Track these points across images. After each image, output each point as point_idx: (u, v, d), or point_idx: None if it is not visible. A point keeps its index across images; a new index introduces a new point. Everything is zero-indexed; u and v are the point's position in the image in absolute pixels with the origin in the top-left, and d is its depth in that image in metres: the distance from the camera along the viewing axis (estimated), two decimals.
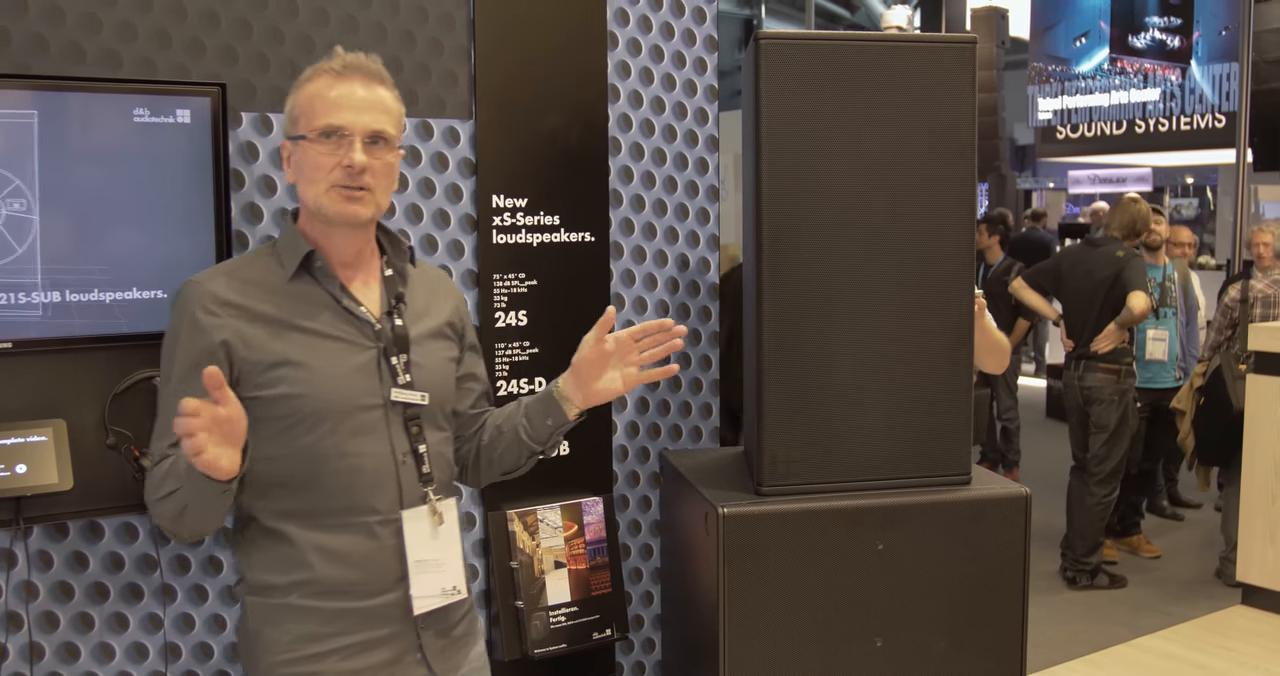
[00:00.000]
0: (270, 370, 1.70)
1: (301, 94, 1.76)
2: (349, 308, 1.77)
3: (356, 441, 1.74)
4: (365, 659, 1.75)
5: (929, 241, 2.30)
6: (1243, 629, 4.82)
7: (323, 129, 1.72)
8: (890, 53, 2.26)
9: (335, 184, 1.72)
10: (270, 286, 1.75)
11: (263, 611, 1.75)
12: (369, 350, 1.77)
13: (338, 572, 1.73)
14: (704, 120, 2.82)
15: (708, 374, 2.87)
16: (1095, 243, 5.38)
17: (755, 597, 2.25)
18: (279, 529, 1.73)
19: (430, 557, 1.79)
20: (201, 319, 1.70)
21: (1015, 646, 2.38)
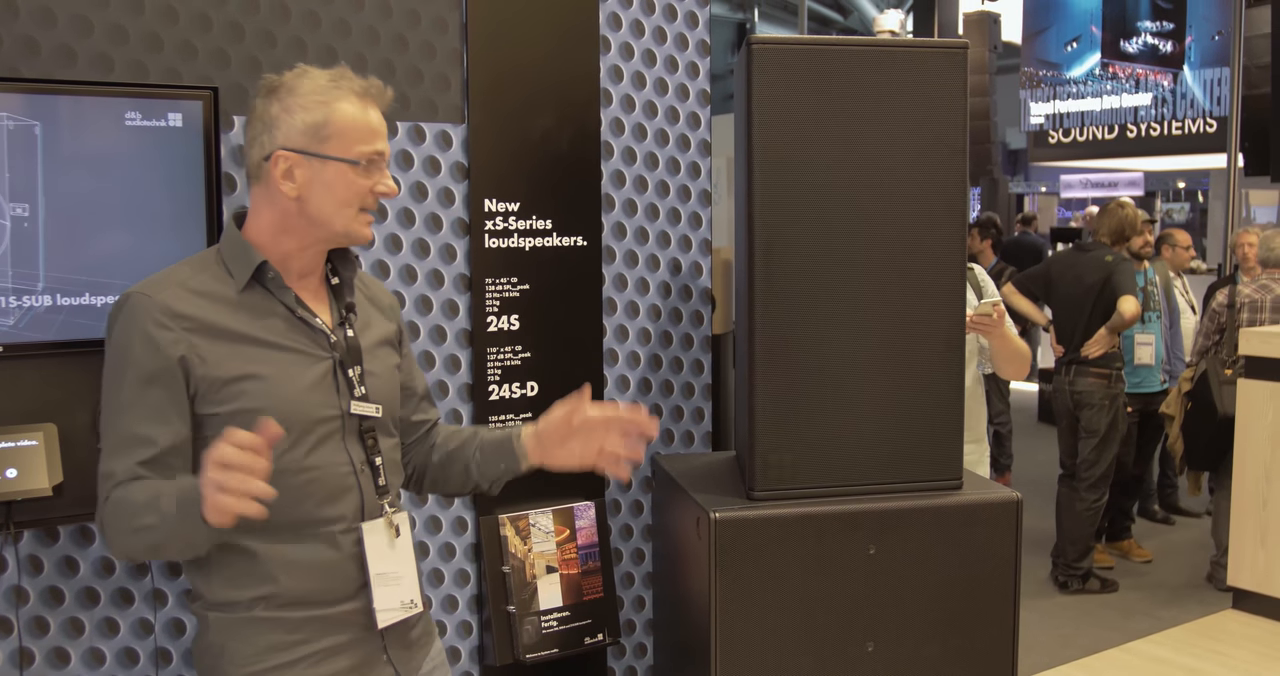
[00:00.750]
0: (228, 385, 1.66)
1: (335, 112, 1.70)
2: (304, 318, 1.74)
3: (316, 454, 1.72)
4: (332, 664, 1.74)
5: (920, 246, 2.31)
6: (1234, 633, 4.83)
7: (369, 155, 1.71)
8: (882, 58, 2.26)
9: (365, 208, 1.73)
10: (222, 298, 1.70)
11: (225, 625, 1.71)
12: (324, 361, 1.75)
13: (301, 584, 1.71)
14: (696, 125, 2.82)
15: (699, 378, 2.87)
16: (1085, 248, 5.39)
17: (747, 602, 2.25)
18: (240, 544, 1.69)
19: (389, 570, 1.79)
20: (155, 333, 1.63)
21: (1006, 650, 2.39)
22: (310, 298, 1.78)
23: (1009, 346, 3.02)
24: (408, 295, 2.48)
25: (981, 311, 2.84)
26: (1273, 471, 4.87)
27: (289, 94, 1.70)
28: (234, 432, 1.46)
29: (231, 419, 1.63)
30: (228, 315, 1.68)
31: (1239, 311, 5.37)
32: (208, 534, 1.56)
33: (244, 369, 1.67)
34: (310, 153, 1.69)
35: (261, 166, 1.72)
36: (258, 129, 1.72)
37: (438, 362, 2.53)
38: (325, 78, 1.71)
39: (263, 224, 1.74)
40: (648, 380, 2.80)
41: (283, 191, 1.70)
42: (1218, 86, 11.35)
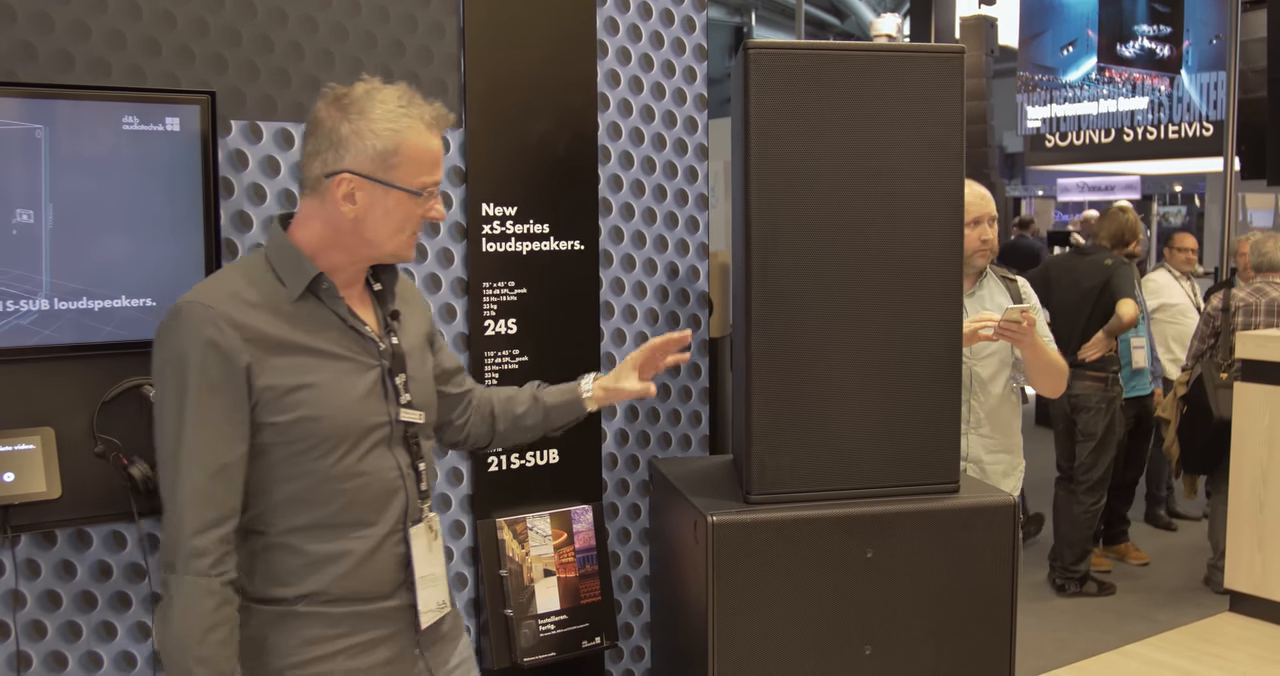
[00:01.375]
0: (288, 395, 1.70)
1: (405, 143, 1.73)
2: (355, 327, 1.79)
3: (366, 460, 1.77)
4: (370, 657, 1.80)
5: (918, 249, 2.31)
6: (1231, 636, 4.83)
7: (430, 186, 1.77)
8: (879, 62, 2.27)
9: (414, 232, 1.80)
10: (276, 308, 1.73)
11: (267, 618, 1.75)
12: (374, 369, 1.80)
13: (344, 583, 1.77)
14: (693, 128, 2.83)
15: (697, 382, 2.88)
16: (1084, 251, 5.40)
17: (744, 605, 2.25)
18: (287, 543, 1.75)
19: (429, 572, 1.86)
20: (219, 342, 1.66)
21: (1003, 653, 2.39)
22: (356, 305, 1.83)
23: (1042, 358, 2.94)
24: None
25: (1009, 317, 2.77)
26: (1270, 474, 4.87)
27: (360, 116, 1.72)
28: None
29: (291, 427, 1.71)
30: (283, 325, 1.72)
31: (1233, 315, 5.38)
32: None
33: (302, 379, 1.71)
34: (376, 179, 1.73)
35: (321, 181, 1.74)
36: (322, 144, 1.74)
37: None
38: (395, 101, 1.74)
39: (313, 234, 1.77)
40: None
41: (341, 211, 1.74)
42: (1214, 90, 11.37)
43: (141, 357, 2.16)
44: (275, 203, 2.32)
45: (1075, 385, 5.21)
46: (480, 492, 2.58)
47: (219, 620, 1.65)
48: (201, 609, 1.64)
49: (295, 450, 1.72)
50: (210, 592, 1.65)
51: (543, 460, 2.65)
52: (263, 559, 1.75)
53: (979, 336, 2.81)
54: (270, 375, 1.69)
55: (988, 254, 3.07)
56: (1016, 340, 2.83)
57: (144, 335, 2.15)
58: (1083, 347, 5.13)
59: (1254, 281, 5.57)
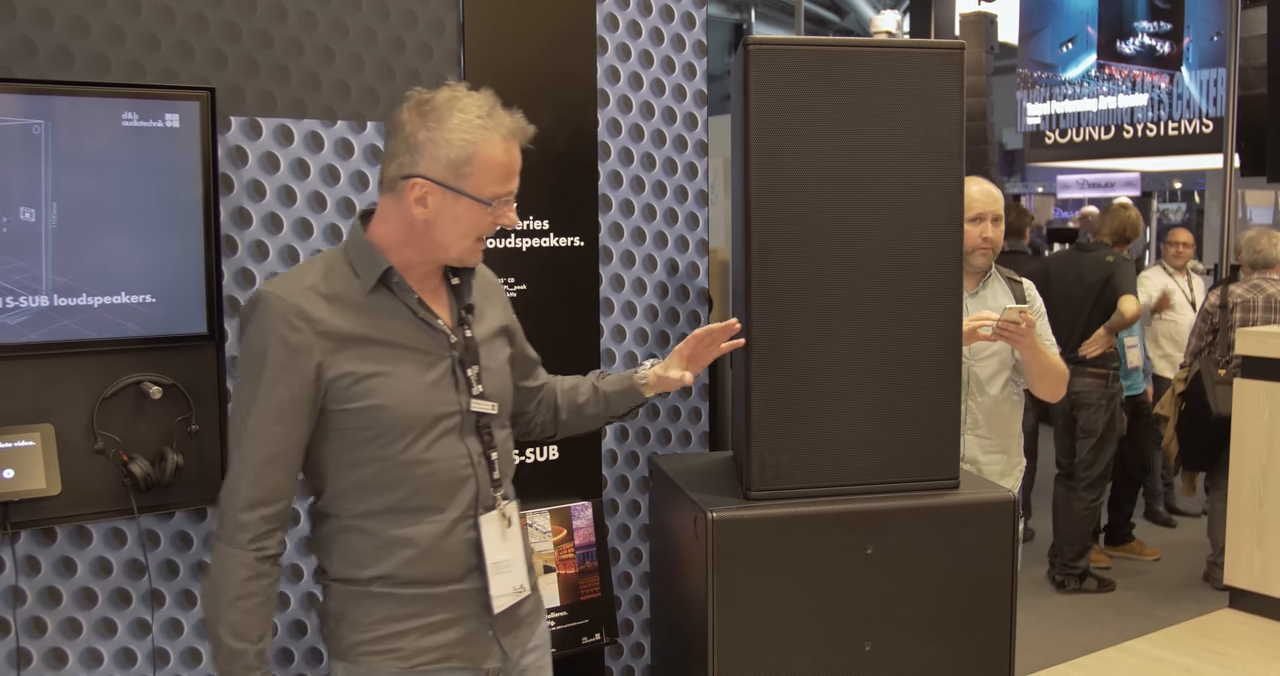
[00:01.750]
0: (357, 384, 1.78)
1: (479, 154, 1.78)
2: (426, 319, 1.85)
3: (435, 448, 1.83)
4: (442, 636, 1.87)
5: (917, 247, 2.31)
6: (1230, 632, 4.83)
7: (503, 197, 1.83)
8: (878, 58, 2.27)
9: (482, 237, 1.86)
10: (349, 300, 1.80)
11: (345, 595, 1.86)
12: (444, 361, 1.86)
13: (415, 567, 1.84)
14: (693, 125, 2.83)
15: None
16: (1085, 248, 5.40)
17: (744, 602, 2.25)
18: (360, 526, 1.84)
19: (503, 558, 1.91)
20: (289, 336, 1.75)
21: (1003, 650, 2.39)
22: (431, 298, 1.89)
23: (1041, 361, 2.92)
24: None
25: (1008, 317, 2.75)
26: (1269, 471, 4.87)
27: (437, 124, 1.78)
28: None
29: (360, 415, 1.79)
30: (356, 318, 1.80)
31: (1231, 311, 5.38)
32: None
33: (371, 368, 1.79)
34: (447, 186, 1.79)
35: (397, 183, 1.81)
36: (399, 147, 1.80)
37: None
38: (475, 111, 1.79)
39: (388, 231, 1.84)
40: None
41: (413, 213, 1.80)
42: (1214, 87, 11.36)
43: (141, 354, 2.17)
44: (275, 199, 2.32)
45: (1076, 382, 5.20)
46: None
47: (249, 591, 1.75)
48: (234, 578, 1.75)
49: (364, 437, 1.80)
50: (244, 565, 1.75)
51: (543, 456, 2.65)
52: (339, 541, 1.85)
53: (977, 335, 2.81)
54: (341, 365, 1.77)
55: (989, 253, 3.05)
56: (1015, 341, 2.82)
57: (144, 331, 2.15)
58: (1083, 344, 5.12)
59: (1251, 277, 5.57)
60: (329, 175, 2.38)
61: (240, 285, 2.30)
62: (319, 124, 2.36)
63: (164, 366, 2.20)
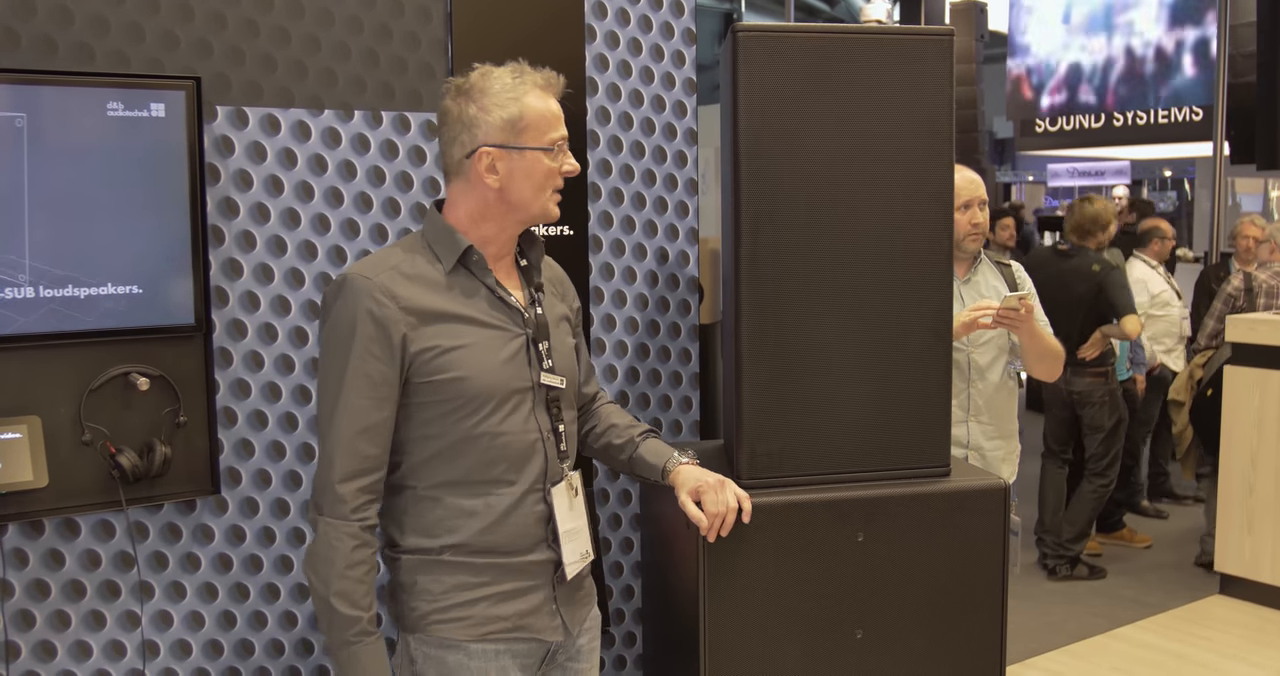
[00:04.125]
0: (440, 357, 1.85)
1: (527, 107, 1.88)
2: (503, 297, 1.94)
3: (510, 421, 1.91)
4: (511, 606, 1.94)
5: (907, 234, 2.30)
6: (1220, 618, 4.85)
7: (559, 142, 1.92)
8: (868, 45, 2.26)
9: (555, 188, 1.95)
10: (431, 280, 1.89)
11: (416, 565, 1.92)
12: (519, 336, 1.94)
13: (486, 536, 1.91)
14: (682, 113, 2.82)
15: (687, 367, 2.87)
16: (1065, 254, 5.24)
17: (735, 590, 2.25)
18: (434, 496, 1.90)
19: (571, 526, 2.00)
20: (377, 311, 1.82)
21: (995, 637, 2.39)
22: (504, 277, 1.97)
23: (1039, 344, 2.94)
24: None
25: (1008, 305, 2.76)
26: (1259, 458, 4.89)
27: (482, 94, 1.88)
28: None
29: (443, 387, 1.87)
30: (438, 296, 1.88)
31: (1256, 296, 5.40)
32: None
33: (453, 341, 1.87)
34: (510, 146, 1.88)
35: (463, 163, 1.90)
36: (456, 130, 1.90)
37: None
38: (509, 75, 1.90)
39: (462, 213, 1.93)
40: (635, 369, 2.80)
41: (487, 183, 1.89)
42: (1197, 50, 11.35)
43: (128, 345, 2.16)
44: (261, 188, 2.31)
45: (1076, 382, 5.19)
46: None
47: (357, 559, 1.82)
48: (342, 548, 1.81)
49: (445, 409, 1.87)
50: (350, 535, 1.82)
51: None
52: (413, 511, 1.92)
53: (978, 325, 2.81)
54: (424, 339, 1.85)
55: (979, 238, 3.07)
56: (1015, 327, 2.83)
57: (131, 322, 2.14)
58: (1081, 348, 5.10)
59: (1272, 264, 5.58)
60: (316, 164, 2.37)
61: (227, 275, 2.29)
62: (306, 113, 2.35)
63: (151, 357, 2.19)
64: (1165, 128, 12.01)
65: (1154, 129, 12.12)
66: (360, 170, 2.42)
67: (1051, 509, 5.43)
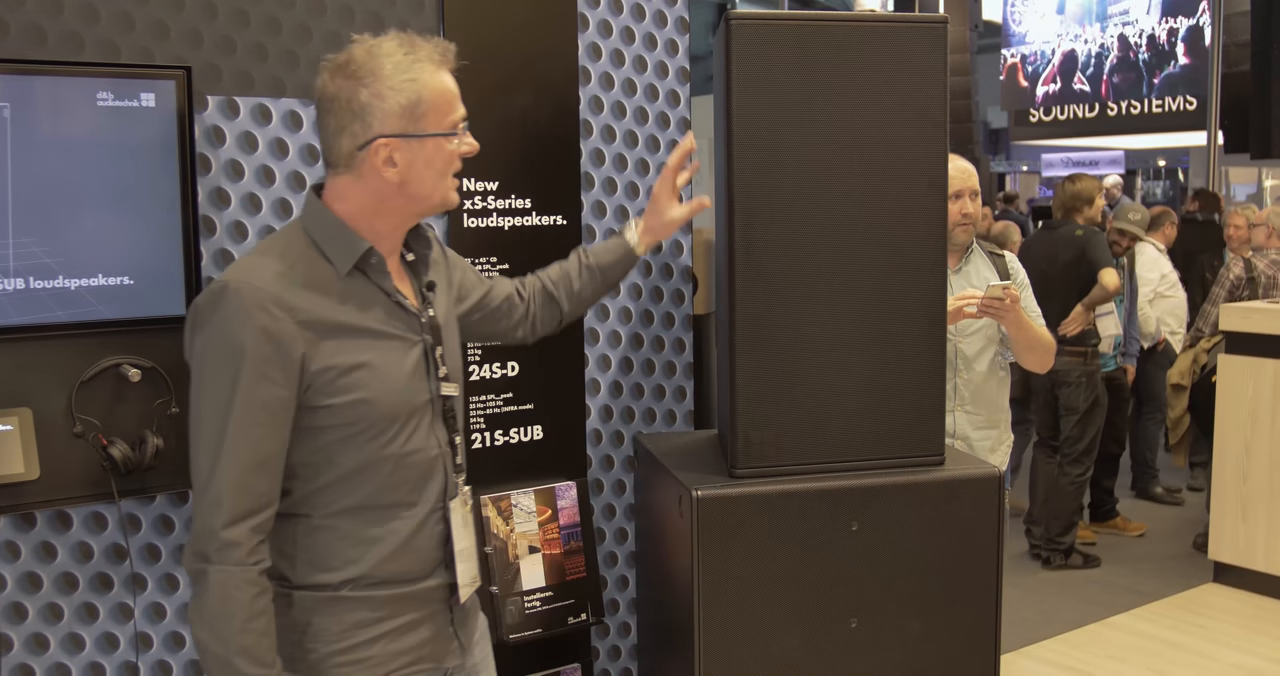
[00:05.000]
0: (342, 377, 1.67)
1: (425, 89, 1.68)
2: (400, 302, 1.77)
3: (414, 438, 1.76)
4: (412, 637, 1.79)
5: (901, 222, 2.30)
6: (1215, 606, 4.87)
7: (459, 123, 1.74)
8: (861, 33, 2.25)
9: (455, 174, 1.77)
10: (324, 287, 1.68)
11: (312, 604, 1.73)
12: (417, 345, 1.78)
13: (389, 565, 1.75)
14: (676, 102, 2.81)
15: (681, 357, 2.87)
16: (1052, 226, 5.38)
17: (730, 579, 2.25)
18: (333, 526, 1.73)
19: (465, 545, 1.85)
20: (271, 326, 1.61)
21: (989, 625, 2.39)
22: (397, 279, 1.79)
23: (1026, 334, 2.94)
24: None
25: (992, 294, 2.76)
26: (1253, 446, 4.90)
27: (373, 77, 1.66)
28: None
29: (345, 410, 1.68)
30: (334, 306, 1.68)
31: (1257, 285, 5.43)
32: None
33: (355, 359, 1.68)
34: (409, 134, 1.68)
35: (355, 155, 1.69)
36: (344, 118, 1.68)
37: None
38: (400, 51, 1.68)
39: (353, 207, 1.72)
40: (629, 359, 2.79)
41: (384, 177, 1.69)
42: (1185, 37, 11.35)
43: (120, 337, 2.15)
44: (253, 178, 2.30)
45: (1055, 360, 5.19)
46: None
47: (258, 609, 1.63)
48: (241, 598, 1.61)
49: (349, 432, 1.69)
50: (249, 582, 1.62)
51: (527, 436, 2.64)
52: (306, 543, 1.72)
53: (963, 314, 2.81)
54: (325, 358, 1.65)
55: (969, 228, 3.07)
56: (1000, 316, 2.83)
57: (122, 314, 2.13)
58: (1062, 324, 5.12)
59: (1270, 253, 5.60)
60: (308, 154, 2.35)
61: (219, 266, 2.28)
62: (297, 103, 2.34)
63: (143, 349, 2.17)
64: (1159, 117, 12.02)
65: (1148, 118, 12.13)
66: None
67: (1041, 499, 5.45)
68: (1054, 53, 12.86)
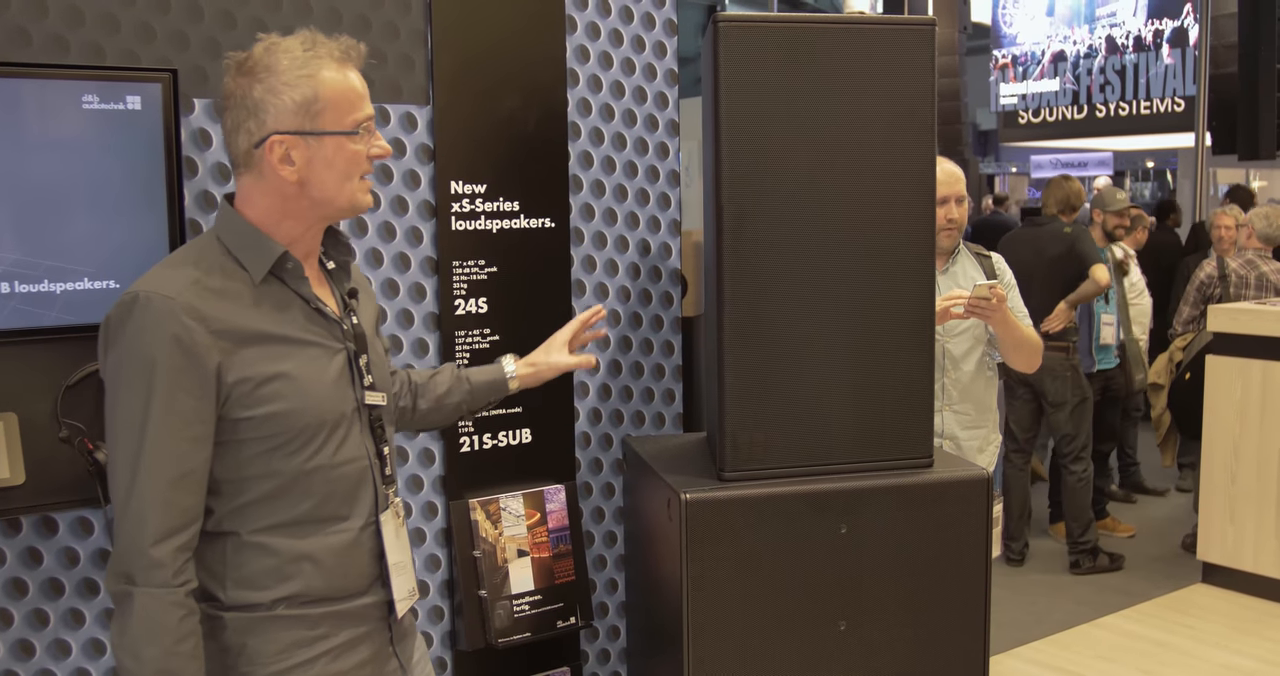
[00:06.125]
0: (260, 387, 1.62)
1: (322, 85, 1.64)
2: (319, 308, 1.72)
3: (342, 451, 1.71)
4: (350, 658, 1.74)
5: (889, 224, 2.30)
6: (1203, 607, 4.88)
7: (363, 122, 1.69)
8: (848, 35, 2.25)
9: (364, 175, 1.71)
10: (239, 295, 1.64)
11: (245, 625, 1.67)
12: (340, 353, 1.73)
13: (322, 581, 1.70)
14: (664, 104, 2.81)
15: (670, 359, 2.86)
16: (1038, 223, 5.42)
17: (718, 583, 2.25)
18: (262, 543, 1.67)
19: (399, 559, 1.80)
20: (184, 337, 1.56)
21: (978, 627, 2.39)
22: (314, 284, 1.75)
23: (1014, 334, 2.95)
24: (374, 278, 2.46)
25: (978, 294, 2.77)
26: (1241, 447, 4.92)
27: (268, 73, 1.63)
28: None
29: (265, 422, 1.63)
30: (250, 313, 1.64)
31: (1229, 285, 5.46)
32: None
33: (273, 369, 1.63)
34: (305, 131, 1.64)
35: (252, 154, 1.66)
36: (241, 115, 1.65)
37: (405, 346, 2.51)
38: (299, 47, 1.65)
39: (260, 211, 1.69)
40: (618, 362, 2.79)
41: (282, 176, 1.65)
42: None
43: None
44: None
45: None
46: (452, 473, 2.56)
47: (186, 632, 1.57)
48: (167, 621, 1.55)
49: (270, 445, 1.64)
50: (176, 604, 1.57)
51: (515, 440, 2.64)
52: (236, 562, 1.67)
53: (950, 314, 2.81)
54: (241, 368, 1.60)
55: (954, 234, 3.08)
56: (986, 316, 2.83)
57: None
58: (1045, 321, 5.13)
59: (1246, 253, 5.62)
60: None
61: None
62: None
63: None
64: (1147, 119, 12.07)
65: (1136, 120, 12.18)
66: None
67: (1016, 514, 5.43)
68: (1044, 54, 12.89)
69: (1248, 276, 5.51)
